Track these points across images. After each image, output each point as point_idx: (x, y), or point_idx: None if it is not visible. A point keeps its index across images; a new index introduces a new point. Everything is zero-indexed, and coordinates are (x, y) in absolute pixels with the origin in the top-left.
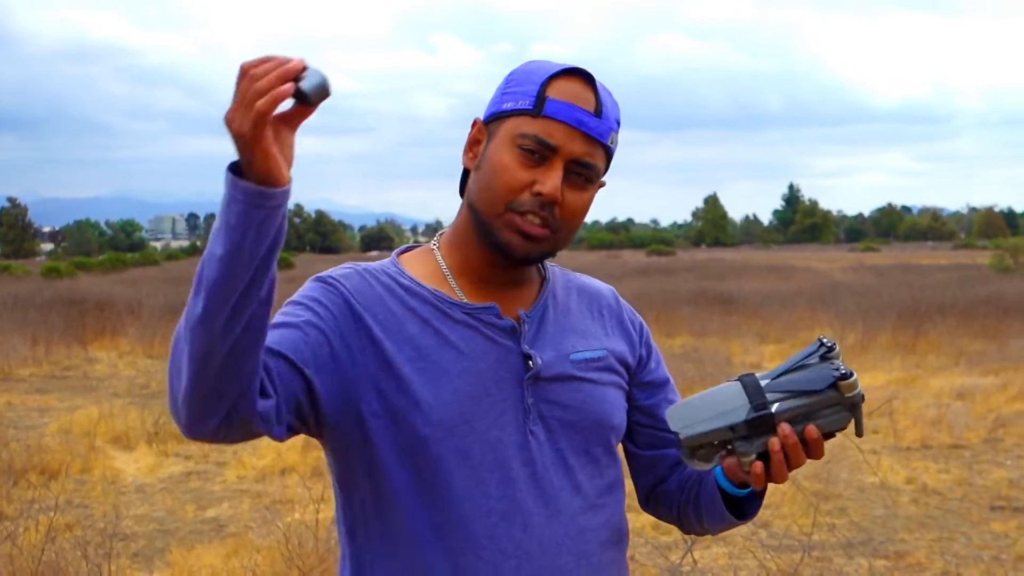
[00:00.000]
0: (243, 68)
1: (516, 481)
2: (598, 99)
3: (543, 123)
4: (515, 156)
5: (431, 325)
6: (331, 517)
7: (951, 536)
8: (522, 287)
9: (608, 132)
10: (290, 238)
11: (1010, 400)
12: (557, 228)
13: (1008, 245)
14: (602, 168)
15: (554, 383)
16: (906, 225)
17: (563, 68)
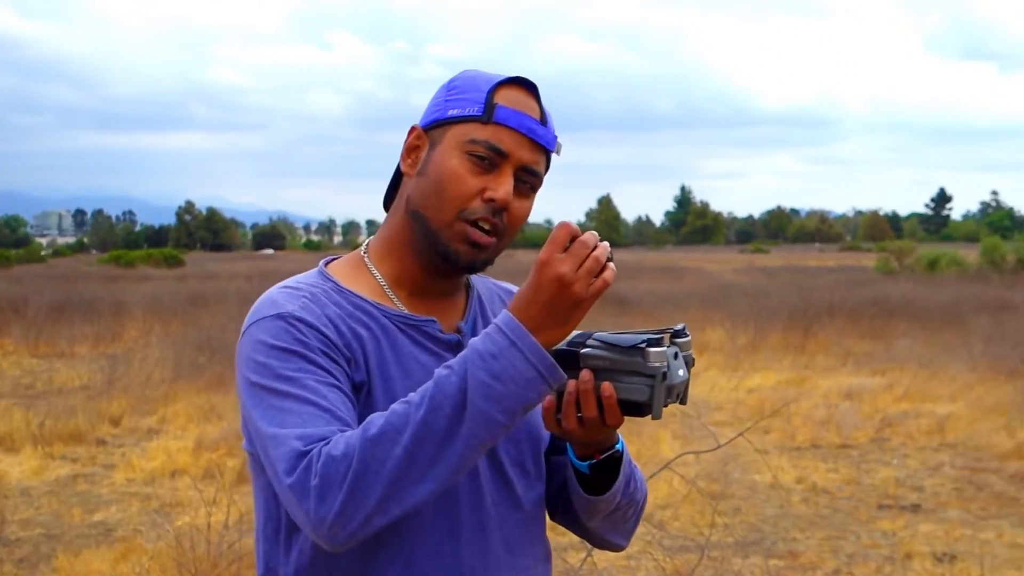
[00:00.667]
0: (582, 238)
1: (460, 496)
2: (542, 108)
3: (493, 129)
4: (465, 163)
5: (384, 341)
6: (223, 520)
7: (841, 535)
8: (454, 296)
9: (553, 140)
10: (180, 236)
11: (896, 400)
12: (502, 234)
13: (893, 248)
14: (544, 175)
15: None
16: (794, 227)
17: (508, 77)
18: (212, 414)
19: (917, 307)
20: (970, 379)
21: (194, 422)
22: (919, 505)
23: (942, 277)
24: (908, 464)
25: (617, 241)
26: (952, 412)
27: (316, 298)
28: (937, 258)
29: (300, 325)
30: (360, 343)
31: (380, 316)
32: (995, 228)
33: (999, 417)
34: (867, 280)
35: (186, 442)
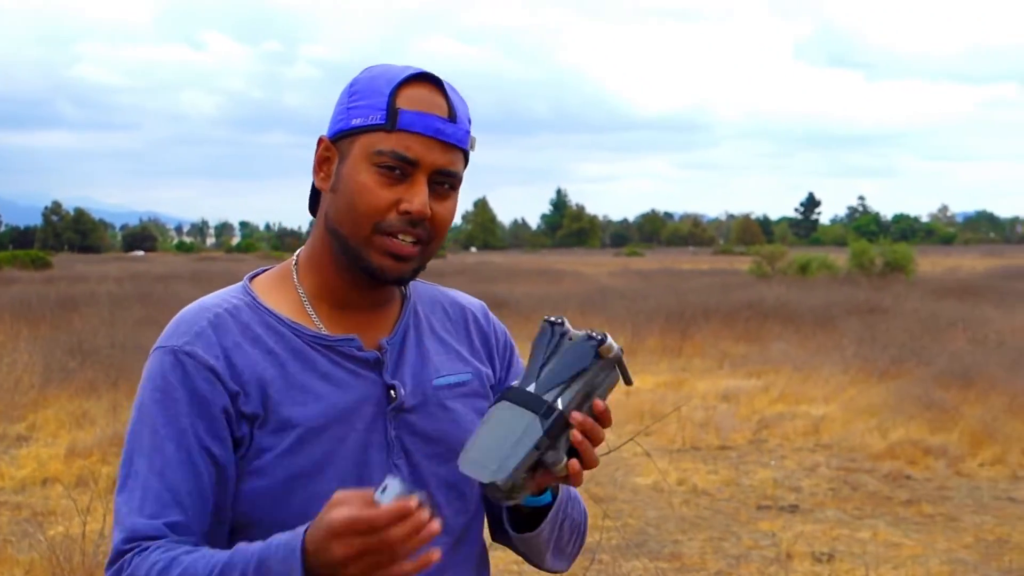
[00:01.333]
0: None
1: None
2: (449, 103)
3: (399, 137)
4: (374, 175)
5: (293, 364)
6: (98, 529)
7: (723, 536)
8: (384, 308)
9: (466, 136)
10: (47, 237)
11: (772, 402)
12: (428, 241)
13: (766, 252)
14: (462, 171)
15: (416, 413)
16: (668, 230)
17: (409, 74)
18: (84, 420)
19: (790, 310)
20: (843, 381)
21: (65, 428)
22: (797, 506)
23: (813, 280)
24: (785, 465)
25: (493, 244)
26: (826, 413)
27: (219, 322)
28: (808, 262)
29: (186, 362)
30: (258, 372)
31: (293, 337)
32: (862, 232)
33: (871, 418)
34: (741, 283)
35: (57, 449)
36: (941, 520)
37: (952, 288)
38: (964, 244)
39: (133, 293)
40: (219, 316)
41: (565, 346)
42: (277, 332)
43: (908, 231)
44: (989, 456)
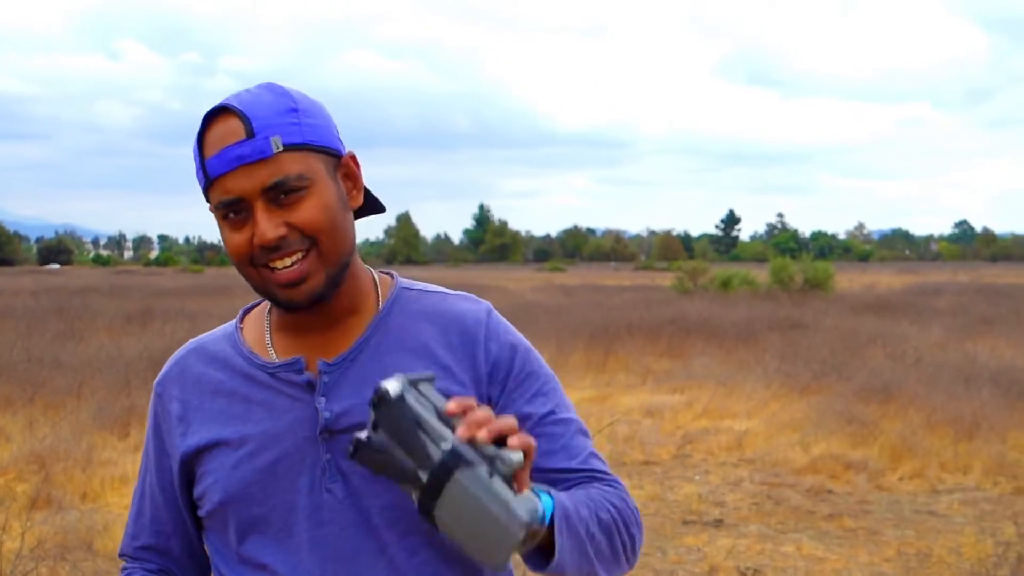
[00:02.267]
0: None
1: (301, 546)
2: (244, 120)
3: (217, 186)
4: (226, 227)
5: (237, 394)
6: (15, 549)
7: (648, 551)
8: (343, 327)
9: (268, 143)
10: None
11: (696, 417)
12: (309, 248)
13: (688, 268)
14: (309, 164)
15: (351, 435)
16: (591, 246)
17: (203, 120)
18: (0, 436)
19: (713, 326)
20: (765, 396)
21: None
22: (722, 520)
23: (735, 296)
24: (710, 480)
25: (416, 259)
26: (749, 428)
27: (198, 354)
28: (730, 278)
29: (158, 398)
30: (206, 404)
31: (245, 366)
32: (781, 249)
33: (794, 433)
34: (664, 299)
35: None
36: (863, 534)
37: (870, 304)
38: (880, 261)
39: (49, 307)
40: (188, 353)
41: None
42: (232, 367)
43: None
44: (909, 470)
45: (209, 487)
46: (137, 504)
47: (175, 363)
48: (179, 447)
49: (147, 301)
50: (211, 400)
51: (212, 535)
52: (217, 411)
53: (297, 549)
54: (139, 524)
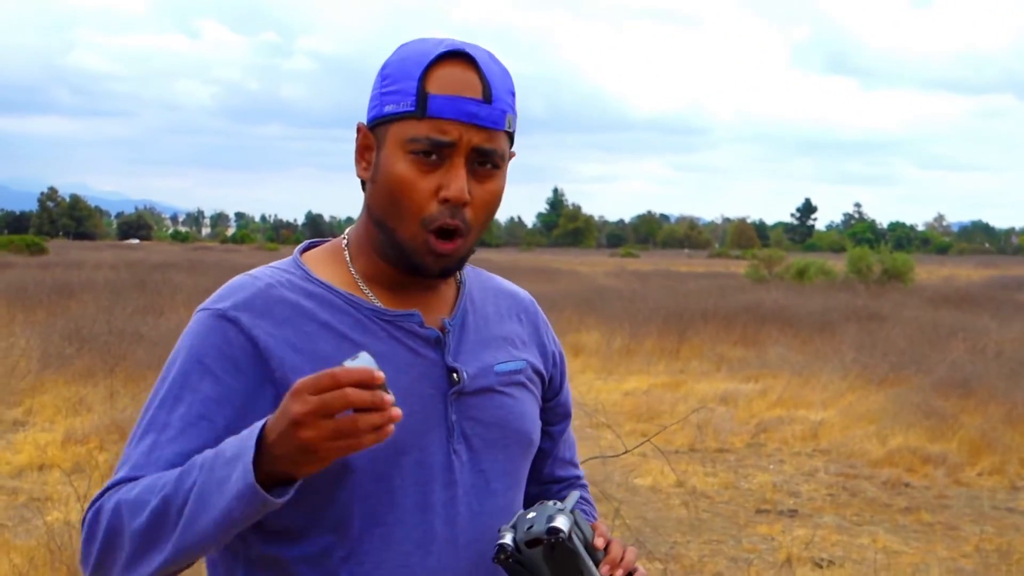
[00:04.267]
0: (336, 376)
1: (434, 506)
2: (484, 81)
3: (433, 123)
4: (411, 165)
5: (349, 338)
6: None
7: (721, 539)
8: (440, 290)
9: (502, 116)
10: (43, 223)
11: (771, 406)
12: (468, 231)
13: (763, 256)
14: (507, 147)
15: (477, 398)
16: (664, 232)
17: (438, 54)
18: (81, 406)
19: (789, 314)
20: (841, 387)
21: (62, 414)
22: (796, 510)
23: (810, 286)
24: (784, 469)
25: (489, 242)
26: (825, 419)
27: (272, 293)
28: (806, 267)
29: (231, 325)
30: (311, 346)
31: (351, 310)
32: (858, 239)
33: (870, 424)
34: (738, 287)
35: (55, 435)
36: (940, 529)
37: (950, 297)
38: (959, 254)
39: (130, 281)
40: (271, 288)
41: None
42: (332, 305)
43: (904, 239)
44: (988, 466)
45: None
46: (153, 436)
47: (256, 294)
48: (270, 385)
49: (225, 277)
50: (314, 340)
51: (310, 498)
52: (324, 354)
53: (427, 508)
54: (151, 457)
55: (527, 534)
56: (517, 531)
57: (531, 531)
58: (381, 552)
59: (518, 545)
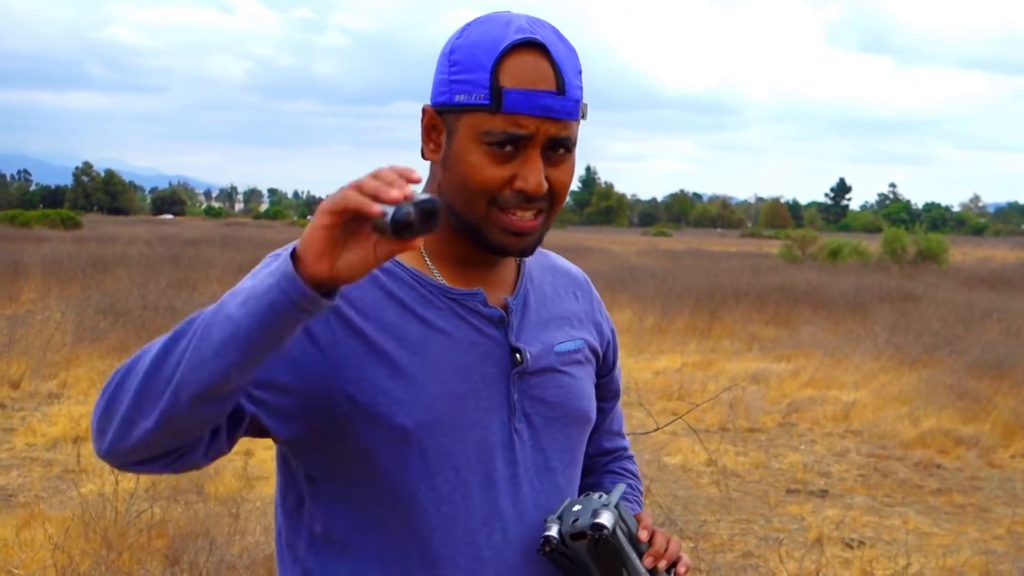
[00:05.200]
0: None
1: (498, 483)
2: (557, 70)
3: (510, 118)
4: (485, 155)
5: (413, 312)
6: (130, 488)
7: (751, 518)
8: (502, 269)
9: (576, 106)
10: (78, 198)
11: (802, 386)
12: (548, 210)
13: (796, 236)
14: (577, 131)
15: (538, 378)
16: (697, 212)
17: (510, 44)
18: None
19: (821, 295)
20: (874, 367)
21: (96, 387)
22: (827, 490)
23: (844, 266)
24: (815, 450)
25: None
26: (857, 399)
27: None
28: (839, 247)
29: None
30: (379, 313)
31: (416, 285)
32: (893, 220)
33: (902, 406)
34: (771, 267)
35: (89, 407)
36: (972, 510)
37: (984, 279)
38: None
39: (164, 255)
40: None
41: (591, 549)
42: (397, 277)
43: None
44: (1021, 447)
45: (389, 406)
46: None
47: None
48: (336, 338)
49: (258, 253)
50: (379, 307)
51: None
52: (389, 323)
53: (492, 485)
54: None
55: (572, 527)
56: (563, 523)
57: (576, 524)
58: (448, 528)
59: (563, 537)
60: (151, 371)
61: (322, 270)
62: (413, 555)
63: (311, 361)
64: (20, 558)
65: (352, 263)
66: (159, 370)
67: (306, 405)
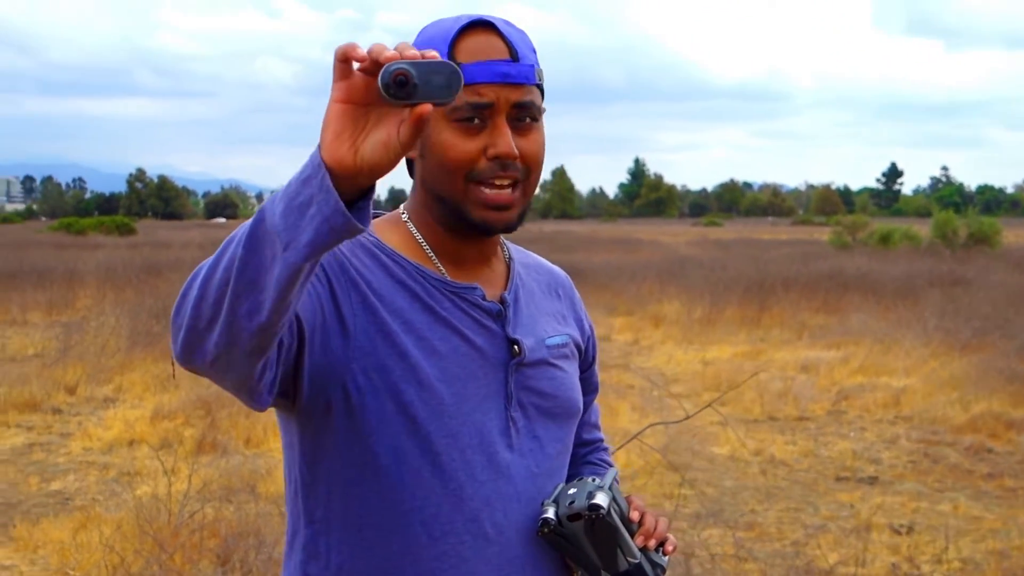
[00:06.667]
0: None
1: (500, 466)
2: (508, 43)
3: (467, 90)
4: (455, 131)
5: (421, 300)
6: (183, 490)
7: (800, 507)
8: (493, 265)
9: (531, 71)
10: (132, 204)
11: (852, 373)
12: (524, 179)
13: (847, 223)
14: (540, 100)
15: (533, 369)
16: (747, 201)
17: (461, 25)
18: (169, 383)
19: (871, 281)
20: (924, 353)
21: (151, 391)
22: (876, 477)
23: (895, 252)
24: (865, 437)
25: (571, 213)
26: (907, 386)
27: (351, 246)
28: (890, 232)
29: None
30: (393, 299)
31: (419, 278)
32: (945, 203)
33: (953, 391)
34: (821, 254)
35: (143, 411)
36: (1023, 494)
37: None
38: None
39: None
40: (355, 242)
41: (587, 528)
42: (405, 268)
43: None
44: None
45: (398, 385)
46: None
47: (355, 240)
48: (355, 314)
49: None
50: (392, 293)
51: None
52: (400, 307)
53: (494, 468)
54: None
55: (569, 509)
56: (559, 506)
57: (572, 506)
58: (453, 506)
59: (560, 519)
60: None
61: (345, 154)
62: (419, 531)
63: (334, 335)
64: (76, 559)
65: (375, 145)
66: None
67: (323, 376)
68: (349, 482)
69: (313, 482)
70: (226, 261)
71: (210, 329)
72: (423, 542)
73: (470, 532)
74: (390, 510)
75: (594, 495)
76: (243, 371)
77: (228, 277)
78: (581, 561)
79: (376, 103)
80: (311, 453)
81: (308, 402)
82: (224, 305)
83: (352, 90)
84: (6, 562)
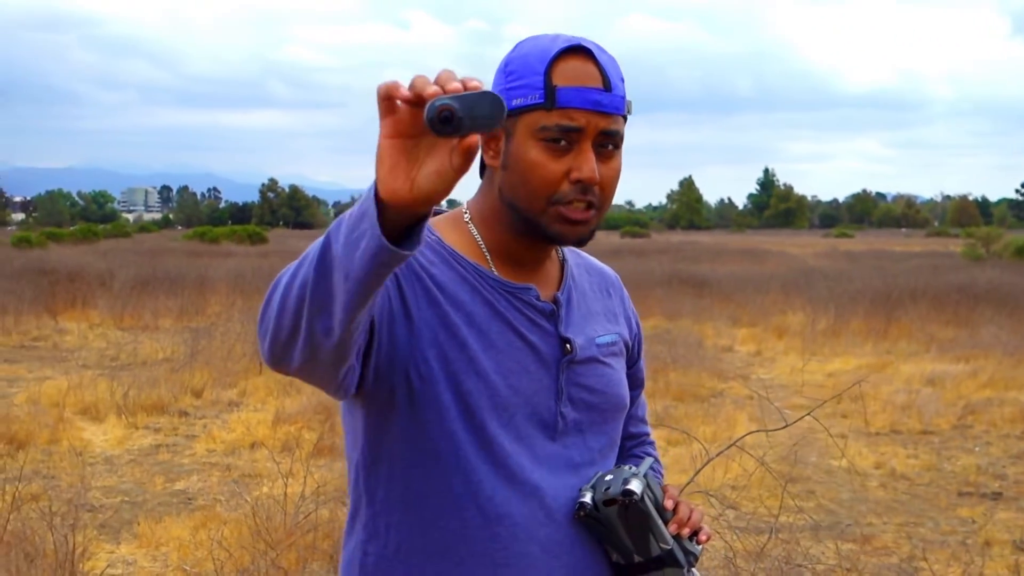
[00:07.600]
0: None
1: (547, 457)
2: (603, 72)
3: (559, 113)
4: (542, 151)
5: (481, 295)
6: (299, 491)
7: (918, 521)
8: (549, 267)
9: (622, 102)
10: (264, 213)
11: (980, 387)
12: (600, 204)
13: (981, 234)
14: (623, 129)
15: (584, 367)
16: (880, 211)
17: (560, 49)
18: (291, 388)
19: (1004, 293)
20: None
21: (273, 396)
22: (1001, 493)
23: None
24: (990, 452)
25: (699, 224)
26: None
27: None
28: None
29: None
30: (451, 286)
31: (476, 276)
32: None
33: None
34: (953, 266)
35: (265, 415)
36: None
37: None
38: None
39: None
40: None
41: (620, 512)
42: (465, 265)
43: None
44: None
45: (458, 375)
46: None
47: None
48: (420, 306)
49: None
50: (454, 286)
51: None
52: (462, 300)
53: (541, 459)
54: None
55: (604, 495)
56: (596, 491)
57: (608, 492)
58: (506, 489)
59: (596, 504)
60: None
61: (400, 187)
62: (473, 514)
63: (400, 326)
64: (195, 556)
65: (429, 175)
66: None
67: (389, 365)
68: (408, 464)
69: (375, 463)
70: (300, 280)
71: (292, 342)
72: (477, 523)
73: (522, 514)
74: (446, 492)
75: (629, 481)
76: (327, 375)
77: (303, 295)
78: (615, 545)
79: (425, 133)
80: (373, 436)
81: (373, 389)
82: (303, 322)
83: (400, 125)
84: (129, 558)
